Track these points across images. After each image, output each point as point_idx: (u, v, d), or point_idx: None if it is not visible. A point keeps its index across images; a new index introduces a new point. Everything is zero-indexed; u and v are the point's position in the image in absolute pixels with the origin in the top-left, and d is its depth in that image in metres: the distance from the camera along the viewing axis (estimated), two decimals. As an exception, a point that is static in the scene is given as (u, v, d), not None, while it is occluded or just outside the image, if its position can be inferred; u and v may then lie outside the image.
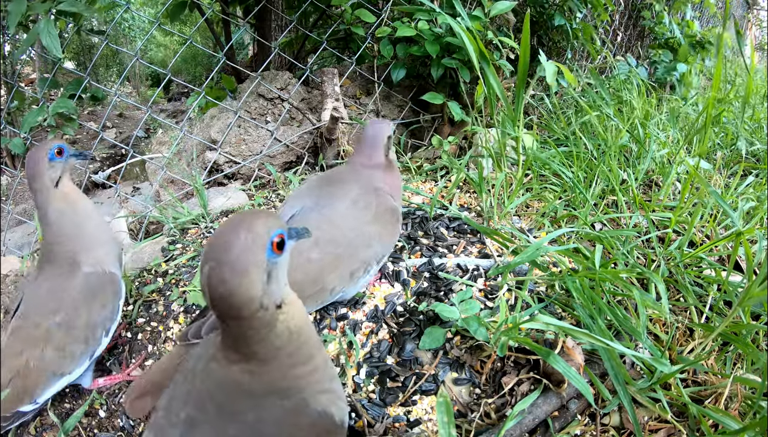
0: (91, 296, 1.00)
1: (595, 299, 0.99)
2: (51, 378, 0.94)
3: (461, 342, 1.04)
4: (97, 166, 4.06)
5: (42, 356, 0.93)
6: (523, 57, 1.29)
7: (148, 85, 8.53)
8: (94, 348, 1.00)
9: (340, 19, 2.27)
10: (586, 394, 0.81)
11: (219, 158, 2.10)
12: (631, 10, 3.24)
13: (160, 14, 2.02)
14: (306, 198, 1.09)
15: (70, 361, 0.96)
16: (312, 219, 1.03)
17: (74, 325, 0.96)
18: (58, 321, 0.95)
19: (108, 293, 1.02)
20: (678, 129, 2.09)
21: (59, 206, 1.01)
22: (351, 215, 1.04)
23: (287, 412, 0.61)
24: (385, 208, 1.09)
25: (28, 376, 0.92)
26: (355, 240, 1.02)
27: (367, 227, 1.04)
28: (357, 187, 1.10)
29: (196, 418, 0.60)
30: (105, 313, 1.01)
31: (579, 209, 1.44)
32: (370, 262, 1.06)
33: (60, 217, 1.01)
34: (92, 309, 0.99)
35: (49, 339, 0.94)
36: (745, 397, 0.87)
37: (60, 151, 1.01)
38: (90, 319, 0.98)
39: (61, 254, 1.01)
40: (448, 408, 0.70)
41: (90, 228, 1.04)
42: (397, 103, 2.35)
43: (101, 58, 8.26)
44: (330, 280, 1.00)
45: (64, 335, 0.95)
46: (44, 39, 1.43)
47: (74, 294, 0.98)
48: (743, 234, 0.98)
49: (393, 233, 1.10)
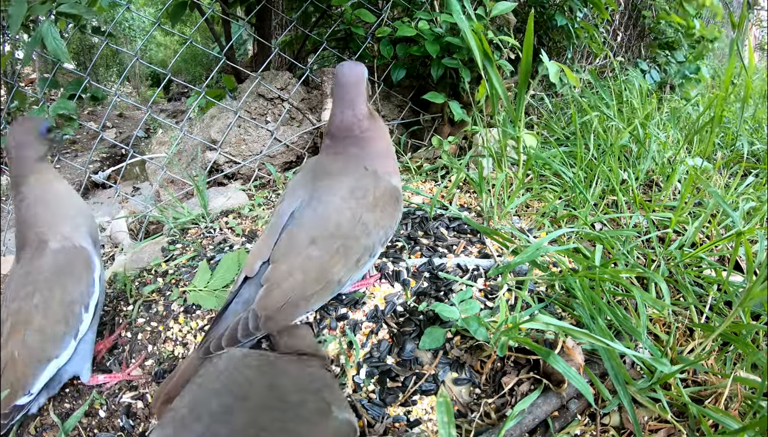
0: (62, 272, 0.97)
1: (595, 299, 0.99)
2: (38, 366, 0.92)
3: (461, 342, 1.04)
4: (97, 166, 4.06)
5: (24, 343, 0.91)
6: (526, 57, 1.29)
7: (148, 85, 8.54)
8: (77, 327, 0.97)
9: (340, 19, 2.27)
10: (586, 394, 0.81)
11: (219, 158, 2.10)
12: (631, 10, 3.24)
13: (160, 14, 2.02)
14: (301, 191, 1.07)
15: (53, 344, 0.94)
16: (308, 218, 1.03)
17: (50, 305, 0.94)
18: (35, 303, 0.93)
19: (79, 267, 0.99)
20: (678, 129, 2.09)
21: (34, 182, 1.00)
22: (348, 206, 1.03)
23: (313, 412, 0.65)
24: (383, 191, 1.07)
25: (15, 367, 0.90)
26: (354, 231, 1.01)
27: (366, 215, 1.03)
28: (352, 175, 1.07)
29: (231, 406, 0.63)
30: (80, 288, 0.98)
31: (579, 209, 1.44)
32: (374, 246, 1.05)
33: (33, 193, 1.00)
34: (66, 285, 0.97)
35: (28, 324, 0.92)
36: (745, 397, 0.87)
37: (50, 130, 1.02)
38: (65, 297, 0.96)
39: (30, 236, 0.99)
40: (448, 408, 0.70)
41: (58, 205, 1.02)
42: (397, 103, 2.35)
43: (101, 58, 8.26)
44: (335, 273, 0.99)
45: (42, 317, 0.93)
46: (49, 44, 1.42)
47: (46, 274, 0.96)
48: (744, 234, 0.98)
49: (393, 215, 1.08)
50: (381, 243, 1.07)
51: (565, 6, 2.31)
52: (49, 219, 1.00)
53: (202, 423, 0.61)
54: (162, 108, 6.19)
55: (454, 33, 1.97)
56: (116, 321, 1.23)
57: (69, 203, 1.04)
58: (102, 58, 8.37)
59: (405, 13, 2.30)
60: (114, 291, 1.34)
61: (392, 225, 1.09)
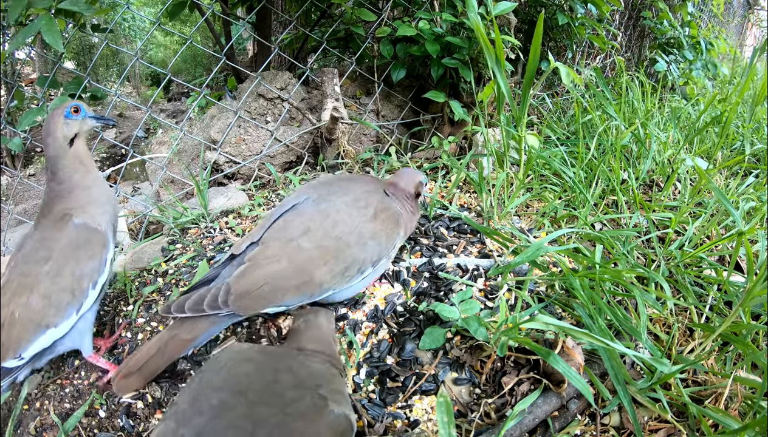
0: (78, 246, 0.99)
1: (595, 299, 0.99)
2: (36, 330, 0.92)
3: (461, 342, 1.04)
4: (98, 166, 4.06)
5: (27, 304, 0.91)
6: (533, 57, 1.29)
7: (148, 85, 8.54)
8: (81, 301, 0.98)
9: (340, 19, 2.27)
10: (586, 394, 0.81)
11: (219, 158, 2.10)
12: (631, 10, 3.24)
13: (160, 14, 2.02)
14: (312, 190, 1.09)
15: (56, 312, 0.94)
16: (308, 210, 1.03)
17: (61, 273, 0.95)
18: (47, 269, 0.94)
19: (95, 244, 1.01)
20: (678, 129, 2.09)
21: (70, 164, 1.03)
22: (348, 211, 1.03)
23: (309, 407, 0.66)
24: (385, 208, 1.08)
25: (12, 327, 0.90)
26: (348, 236, 1.01)
27: (364, 225, 1.03)
28: (364, 187, 1.10)
29: (230, 401, 0.64)
30: (92, 264, 1.00)
31: (579, 209, 1.44)
32: (365, 263, 1.04)
33: (69, 175, 1.03)
34: (80, 258, 0.98)
35: (35, 287, 0.93)
36: (745, 397, 0.87)
37: (76, 109, 1.03)
38: (77, 269, 0.97)
39: (57, 209, 1.02)
40: (448, 408, 0.70)
41: (92, 190, 1.05)
42: (397, 103, 2.35)
43: (101, 58, 8.27)
44: (320, 274, 0.98)
45: (50, 283, 0.94)
46: (45, 33, 1.42)
47: (63, 243, 0.98)
48: (745, 234, 0.98)
49: (390, 234, 1.08)
50: (372, 262, 1.05)
51: (566, 5, 2.31)
52: (82, 201, 1.03)
53: (203, 418, 0.63)
54: (162, 108, 6.19)
55: (454, 33, 1.97)
56: (116, 321, 1.23)
57: (101, 190, 1.07)
58: (102, 58, 8.37)
59: (405, 13, 2.31)
60: (114, 291, 1.34)
61: (387, 247, 1.08)
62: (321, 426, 0.65)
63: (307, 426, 0.64)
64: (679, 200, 1.57)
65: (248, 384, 0.68)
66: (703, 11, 3.81)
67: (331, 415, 0.67)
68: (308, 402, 0.67)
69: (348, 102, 2.32)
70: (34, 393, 1.07)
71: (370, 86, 2.47)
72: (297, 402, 0.66)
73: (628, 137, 1.76)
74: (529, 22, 2.41)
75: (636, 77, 2.44)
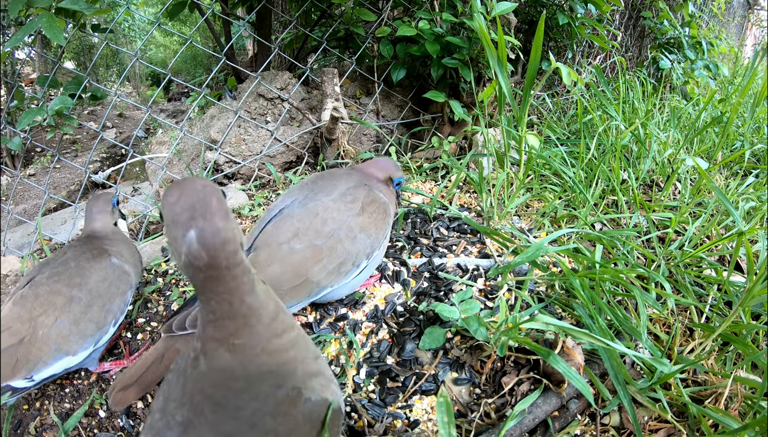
0: (112, 283, 1.05)
1: (595, 299, 0.99)
2: (55, 355, 0.92)
3: (461, 342, 1.04)
4: (97, 166, 4.06)
5: (54, 325, 0.92)
6: (534, 58, 1.29)
7: (148, 85, 8.54)
8: (102, 335, 1.01)
9: (340, 19, 2.27)
10: (586, 394, 0.81)
11: (219, 158, 2.10)
12: (631, 10, 3.24)
13: (160, 14, 2.02)
14: (297, 192, 1.10)
15: (79, 340, 0.95)
16: (296, 212, 1.03)
17: (92, 305, 0.99)
18: (80, 295, 0.97)
19: (125, 285, 1.07)
20: (678, 129, 2.09)
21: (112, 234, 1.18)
22: (336, 207, 1.04)
23: (280, 402, 0.60)
24: (372, 200, 1.09)
25: (32, 345, 0.90)
26: (338, 231, 1.01)
27: (353, 219, 1.04)
28: (348, 182, 1.10)
29: (192, 421, 0.59)
30: (118, 303, 1.05)
31: (579, 209, 1.44)
32: (359, 256, 1.04)
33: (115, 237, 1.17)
34: (111, 295, 1.03)
35: (67, 309, 0.95)
36: (745, 397, 0.87)
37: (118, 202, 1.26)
38: (107, 304, 1.02)
39: (95, 245, 1.10)
40: (448, 408, 0.69)
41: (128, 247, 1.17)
42: (397, 103, 2.35)
43: (101, 58, 8.27)
44: (315, 273, 0.99)
45: (82, 310, 0.97)
46: (45, 29, 1.42)
47: (99, 277, 1.03)
48: (745, 234, 0.98)
49: (380, 226, 1.09)
50: (366, 255, 1.06)
51: (566, 5, 2.30)
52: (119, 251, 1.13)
53: (173, 432, 0.59)
54: (162, 108, 6.19)
55: (454, 33, 1.97)
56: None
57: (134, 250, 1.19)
58: (102, 58, 8.37)
59: (405, 13, 2.31)
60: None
61: (378, 238, 1.09)
62: (294, 419, 0.60)
63: (277, 423, 0.59)
64: (679, 200, 1.57)
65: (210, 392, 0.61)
66: (703, 11, 3.81)
67: (307, 403, 0.61)
68: (279, 397, 0.61)
69: (348, 102, 2.32)
70: (34, 393, 1.07)
71: (370, 86, 2.47)
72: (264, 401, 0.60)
73: (628, 137, 1.76)
74: (529, 22, 2.41)
75: (637, 77, 2.44)
